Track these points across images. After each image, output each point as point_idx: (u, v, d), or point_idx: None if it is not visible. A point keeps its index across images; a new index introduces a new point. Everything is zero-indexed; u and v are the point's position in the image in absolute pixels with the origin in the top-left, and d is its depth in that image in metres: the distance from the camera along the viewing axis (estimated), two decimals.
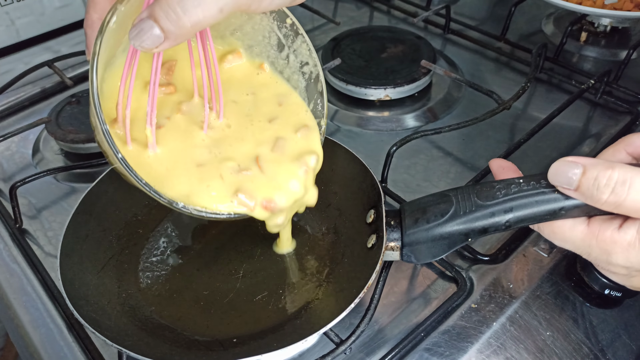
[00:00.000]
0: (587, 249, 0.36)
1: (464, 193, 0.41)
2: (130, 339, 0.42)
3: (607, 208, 0.34)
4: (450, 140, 0.68)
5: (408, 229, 0.42)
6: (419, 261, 0.43)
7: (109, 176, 0.53)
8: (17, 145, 0.71)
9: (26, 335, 0.50)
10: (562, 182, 0.35)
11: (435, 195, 0.43)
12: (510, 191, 0.38)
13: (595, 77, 0.70)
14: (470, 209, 0.39)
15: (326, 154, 0.54)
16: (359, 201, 0.51)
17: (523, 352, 0.46)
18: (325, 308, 0.45)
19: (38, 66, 0.75)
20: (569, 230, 0.37)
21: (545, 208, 0.37)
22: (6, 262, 0.56)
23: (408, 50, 0.78)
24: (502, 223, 0.39)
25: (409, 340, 0.46)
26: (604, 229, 0.35)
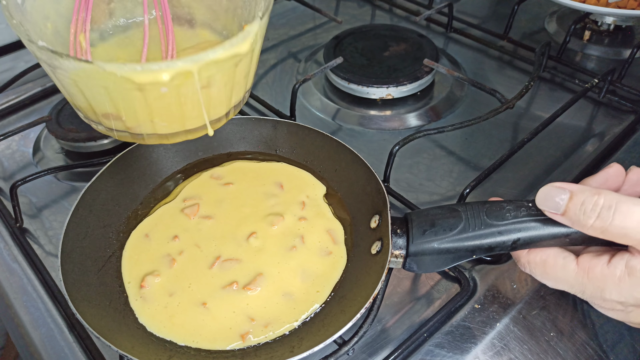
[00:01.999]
0: (581, 286, 0.37)
1: (473, 210, 0.41)
2: (131, 343, 0.42)
3: (592, 233, 0.35)
4: (453, 140, 0.68)
5: (415, 239, 0.42)
6: (420, 271, 0.44)
7: (108, 171, 0.53)
8: (18, 144, 0.71)
9: (26, 334, 0.49)
10: (549, 207, 0.37)
11: (444, 208, 0.43)
12: (519, 214, 0.39)
13: (599, 76, 0.69)
14: (479, 227, 0.40)
15: (330, 154, 0.54)
16: (363, 205, 0.51)
17: (527, 353, 0.45)
18: (331, 315, 0.44)
19: (39, 64, 0.75)
20: (560, 270, 0.38)
21: (551, 233, 0.38)
22: (6, 261, 0.55)
23: (410, 49, 0.78)
24: (509, 244, 0.40)
25: (412, 341, 0.46)
26: (593, 266, 0.36)
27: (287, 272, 0.47)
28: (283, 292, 0.46)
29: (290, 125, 0.58)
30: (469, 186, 0.54)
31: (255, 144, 0.59)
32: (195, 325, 0.44)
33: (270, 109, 0.72)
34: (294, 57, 0.86)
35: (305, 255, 0.49)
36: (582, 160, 0.63)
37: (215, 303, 0.45)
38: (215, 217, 0.52)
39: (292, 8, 0.97)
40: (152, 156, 0.56)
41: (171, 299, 0.46)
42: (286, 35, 0.91)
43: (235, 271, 0.47)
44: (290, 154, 0.58)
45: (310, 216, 0.52)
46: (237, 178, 0.56)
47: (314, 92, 0.77)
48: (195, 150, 0.59)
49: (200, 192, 0.55)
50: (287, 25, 0.94)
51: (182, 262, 0.49)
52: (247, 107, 0.75)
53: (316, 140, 0.56)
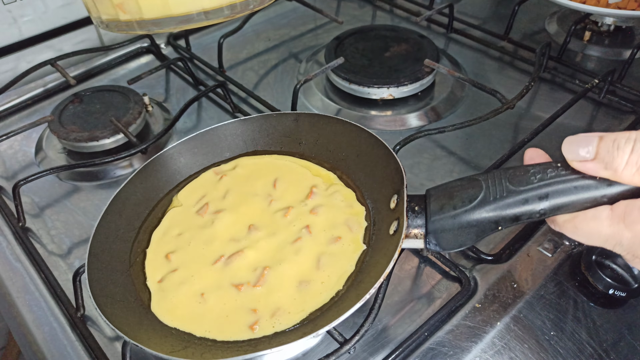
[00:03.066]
0: (618, 236, 0.33)
1: (494, 177, 0.37)
2: (148, 335, 0.42)
3: (629, 173, 0.32)
4: (454, 140, 0.68)
5: (433, 215, 0.39)
6: (444, 249, 0.40)
7: (137, 176, 0.54)
8: (20, 143, 0.71)
9: (29, 333, 0.50)
10: (577, 154, 0.34)
11: (463, 179, 0.39)
12: (546, 176, 0.35)
13: (599, 76, 0.69)
14: (501, 195, 0.36)
15: (351, 139, 0.55)
16: (383, 186, 0.50)
17: (527, 352, 0.46)
18: (347, 300, 0.44)
19: (41, 65, 0.75)
20: (592, 220, 0.34)
21: (585, 195, 0.34)
22: (9, 260, 0.56)
23: (411, 49, 0.78)
24: (537, 211, 0.35)
25: (412, 340, 0.46)
26: (629, 210, 0.32)
27: (305, 261, 0.47)
28: (299, 280, 0.46)
29: (312, 117, 0.58)
30: None
31: (278, 138, 0.59)
32: (210, 317, 0.44)
33: (271, 109, 0.72)
34: (295, 57, 0.86)
35: (320, 243, 0.48)
36: None
37: (231, 295, 0.45)
38: (226, 211, 0.52)
39: (293, 9, 0.97)
40: (181, 160, 0.57)
41: (187, 292, 0.46)
42: (287, 36, 0.92)
43: (251, 264, 0.47)
44: (314, 144, 0.58)
45: (324, 204, 0.52)
46: (239, 174, 0.57)
47: (315, 93, 0.77)
48: (221, 151, 0.59)
49: (205, 189, 0.55)
50: (288, 26, 0.94)
51: (196, 258, 0.49)
52: (249, 108, 0.75)
53: (336, 128, 0.56)
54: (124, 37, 0.89)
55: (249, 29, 0.92)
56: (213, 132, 0.58)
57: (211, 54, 0.84)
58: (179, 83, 0.82)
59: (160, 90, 0.80)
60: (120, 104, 0.71)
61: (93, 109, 0.70)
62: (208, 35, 0.92)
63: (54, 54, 0.83)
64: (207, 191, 0.55)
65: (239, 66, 0.85)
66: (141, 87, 0.77)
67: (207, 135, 0.58)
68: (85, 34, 0.88)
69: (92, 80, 0.83)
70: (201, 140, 0.58)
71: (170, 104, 0.77)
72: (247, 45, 0.89)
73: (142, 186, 0.54)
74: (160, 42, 0.89)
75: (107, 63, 0.86)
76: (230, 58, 0.86)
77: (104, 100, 0.72)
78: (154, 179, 0.55)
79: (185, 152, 0.57)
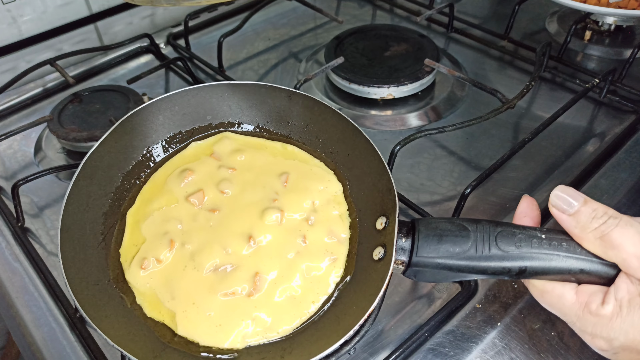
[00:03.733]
0: (573, 317, 0.38)
1: (484, 232, 0.40)
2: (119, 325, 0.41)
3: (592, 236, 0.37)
4: (454, 139, 0.68)
5: (420, 252, 0.40)
6: (418, 280, 0.42)
7: (112, 135, 0.50)
8: (19, 143, 0.71)
9: (28, 334, 0.49)
10: (562, 204, 0.39)
11: (453, 223, 0.41)
12: (530, 245, 0.38)
13: (600, 76, 0.69)
14: (486, 252, 0.39)
15: (345, 137, 0.51)
16: (371, 200, 0.47)
17: (528, 353, 0.45)
18: (327, 320, 0.43)
19: (40, 64, 0.75)
20: (557, 297, 0.38)
21: (558, 267, 0.38)
22: (8, 260, 0.56)
23: (411, 49, 0.78)
24: (514, 273, 0.39)
25: (413, 341, 0.46)
26: (590, 303, 0.37)
27: (286, 274, 0.46)
28: (281, 294, 0.45)
29: (307, 99, 0.53)
30: (470, 186, 0.55)
31: (266, 113, 0.55)
32: (191, 319, 0.43)
33: None
34: (295, 57, 0.86)
35: (307, 256, 0.47)
36: (583, 160, 0.63)
37: (211, 299, 0.45)
38: (221, 209, 0.50)
39: (293, 8, 0.97)
40: (159, 119, 0.53)
41: (169, 287, 0.45)
42: (287, 35, 0.91)
43: (234, 273, 0.46)
44: (303, 129, 0.54)
45: (317, 214, 0.50)
46: (242, 164, 0.53)
47: (315, 92, 0.77)
48: (204, 114, 0.55)
49: (202, 176, 0.52)
50: (288, 25, 0.94)
51: (183, 252, 0.47)
52: None
53: (332, 120, 0.52)
54: (123, 37, 0.88)
55: (249, 29, 0.92)
56: (196, 92, 0.54)
57: (211, 54, 0.84)
58: (178, 83, 0.81)
59: (160, 90, 0.80)
60: (119, 103, 0.70)
61: (92, 108, 0.70)
62: (208, 34, 0.92)
63: (54, 53, 0.83)
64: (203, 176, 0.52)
65: (238, 66, 0.84)
66: (141, 86, 0.76)
67: (190, 94, 0.54)
68: (85, 34, 0.88)
69: (91, 79, 0.83)
70: (184, 98, 0.53)
71: None
72: (247, 45, 0.89)
73: (117, 145, 0.50)
74: (160, 41, 0.89)
75: (107, 63, 0.86)
76: (230, 58, 0.86)
77: (103, 100, 0.71)
78: (129, 138, 0.51)
79: (165, 110, 0.53)
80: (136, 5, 0.89)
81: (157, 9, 0.93)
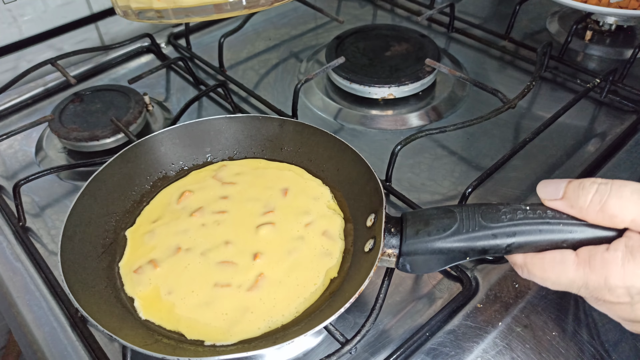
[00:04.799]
0: (583, 279, 0.36)
1: (468, 212, 0.40)
2: (120, 325, 0.42)
3: (592, 211, 0.36)
4: (455, 139, 0.68)
5: (408, 239, 0.41)
6: (412, 272, 0.43)
7: (117, 160, 0.54)
8: (20, 143, 0.71)
9: (29, 333, 0.49)
10: (549, 193, 0.38)
11: (439, 209, 0.42)
12: (515, 216, 0.39)
13: (601, 76, 0.69)
14: (473, 228, 0.39)
15: (333, 153, 0.55)
16: (362, 204, 0.51)
17: (529, 352, 0.45)
18: (320, 311, 0.45)
19: (41, 64, 0.75)
20: (559, 265, 0.37)
21: (547, 238, 0.38)
22: (9, 260, 0.56)
23: (412, 49, 0.78)
24: (503, 247, 0.39)
25: (414, 340, 0.46)
26: (593, 254, 0.36)
27: (282, 269, 0.48)
28: (277, 286, 0.47)
29: (296, 125, 0.59)
30: (471, 186, 0.55)
31: (261, 142, 0.60)
32: (188, 317, 0.45)
33: (272, 108, 0.72)
34: (295, 57, 0.86)
35: (304, 254, 0.49)
36: (584, 160, 0.63)
37: (209, 297, 0.46)
38: (219, 219, 0.53)
39: (294, 8, 0.97)
40: (161, 150, 0.58)
41: (164, 289, 0.47)
42: (288, 35, 0.91)
43: (232, 271, 0.48)
44: (295, 152, 0.59)
45: (314, 219, 0.53)
46: (241, 179, 0.57)
47: (316, 92, 0.77)
48: (203, 146, 0.59)
49: (202, 192, 0.56)
50: (289, 25, 0.94)
51: (178, 257, 0.49)
52: (249, 107, 0.75)
53: (320, 140, 0.57)
54: (124, 37, 0.88)
55: (250, 29, 0.92)
56: (197, 126, 0.59)
57: (212, 54, 0.84)
58: (179, 82, 0.81)
59: (161, 89, 0.80)
60: (120, 103, 0.71)
61: (93, 108, 0.70)
62: (208, 34, 0.92)
63: (54, 53, 0.83)
64: (202, 192, 0.56)
65: (239, 66, 0.84)
66: (142, 86, 0.77)
67: (190, 128, 0.59)
68: (86, 33, 0.88)
69: (92, 79, 0.83)
70: (184, 132, 0.58)
71: (171, 103, 0.77)
72: (247, 45, 0.89)
73: (121, 171, 0.55)
74: (161, 41, 0.89)
75: (108, 62, 0.86)
76: (231, 57, 0.86)
77: (104, 99, 0.71)
78: (132, 165, 0.56)
79: (166, 142, 0.58)
80: None
81: None
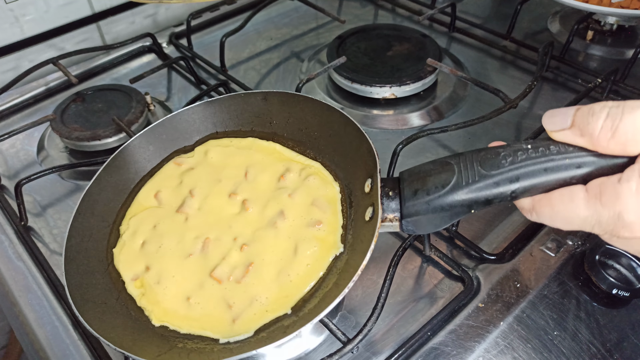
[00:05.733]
0: (596, 215, 0.33)
1: (466, 161, 0.38)
2: (134, 340, 0.42)
3: (603, 138, 0.33)
4: (457, 139, 0.68)
5: (407, 201, 0.39)
6: (419, 232, 0.41)
7: (105, 172, 0.52)
8: (22, 142, 0.71)
9: (31, 332, 0.50)
10: (555, 124, 0.35)
11: (436, 162, 0.40)
12: (517, 159, 0.35)
13: (602, 75, 0.69)
14: (473, 179, 0.36)
15: (323, 119, 0.53)
16: (357, 168, 0.49)
17: (530, 352, 0.45)
18: (327, 288, 0.43)
19: (43, 64, 0.75)
20: (569, 203, 0.34)
21: (554, 177, 0.34)
22: (11, 259, 0.56)
23: (413, 49, 0.78)
24: (508, 194, 0.36)
25: (415, 340, 0.46)
26: (604, 187, 0.33)
27: (280, 250, 0.46)
28: (277, 270, 0.45)
29: (281, 95, 0.56)
30: None
31: (248, 118, 0.58)
32: (195, 314, 0.44)
33: None
34: (297, 56, 0.86)
35: (298, 230, 0.47)
36: None
37: (210, 292, 0.45)
38: (198, 203, 0.51)
39: (295, 8, 0.97)
40: (149, 149, 0.56)
41: (165, 289, 0.46)
42: (289, 35, 0.91)
43: (227, 259, 0.47)
44: (285, 124, 0.56)
45: (295, 190, 0.51)
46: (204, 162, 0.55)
47: (318, 92, 0.77)
48: (190, 136, 0.58)
49: (166, 182, 0.54)
50: (290, 25, 0.94)
51: (171, 253, 0.48)
52: None
53: (307, 107, 0.55)
54: (126, 36, 0.89)
55: (251, 28, 0.92)
56: (179, 117, 0.56)
57: (213, 53, 0.84)
58: (181, 82, 0.81)
59: (162, 89, 0.80)
60: (122, 103, 0.71)
61: (95, 107, 0.70)
62: (210, 34, 0.92)
63: (56, 52, 0.83)
64: (167, 185, 0.54)
65: (240, 65, 0.84)
66: (143, 86, 0.77)
67: (174, 121, 0.56)
68: (87, 33, 0.88)
69: (94, 79, 0.83)
70: (168, 126, 0.56)
71: (172, 103, 0.77)
72: (249, 45, 0.89)
73: (112, 180, 0.53)
74: (162, 41, 0.89)
75: (109, 62, 0.86)
76: (232, 57, 0.86)
77: (106, 99, 0.72)
78: (123, 171, 0.54)
79: (153, 140, 0.56)
80: (139, 4, 0.89)
81: (159, 7, 0.93)
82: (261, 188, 0.52)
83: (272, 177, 0.52)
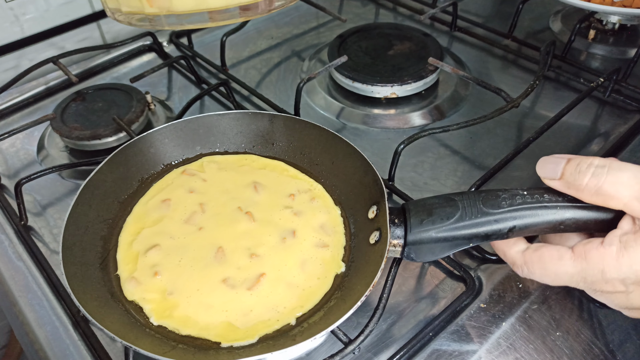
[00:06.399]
0: (581, 273, 0.38)
1: (469, 199, 0.42)
2: (135, 334, 0.42)
3: (587, 194, 0.37)
4: (458, 139, 0.67)
5: (413, 228, 0.42)
6: (418, 260, 0.44)
7: (107, 165, 0.53)
8: (22, 142, 0.71)
9: (31, 332, 0.49)
10: (548, 173, 0.40)
11: (440, 198, 0.44)
12: (514, 202, 0.40)
13: (604, 75, 0.69)
14: (475, 215, 0.41)
15: (327, 146, 0.55)
16: (360, 196, 0.51)
17: (533, 353, 0.45)
18: (333, 305, 0.45)
19: (43, 62, 0.75)
20: (557, 261, 0.39)
21: (545, 220, 0.40)
22: (11, 259, 0.55)
23: (415, 48, 0.77)
24: (505, 231, 0.40)
25: (417, 340, 0.46)
26: (588, 249, 0.37)
27: (286, 267, 0.48)
28: (285, 284, 0.46)
29: (287, 119, 0.58)
30: (474, 185, 0.54)
31: (252, 138, 0.59)
32: (197, 318, 0.45)
33: (274, 107, 0.72)
34: (298, 55, 0.86)
35: (303, 249, 0.49)
36: None
37: (213, 297, 0.46)
38: (205, 211, 0.53)
39: (296, 7, 0.97)
40: (150, 151, 0.57)
41: (165, 291, 0.47)
42: (290, 34, 0.91)
43: (234, 269, 0.48)
44: (287, 147, 0.58)
45: (302, 210, 0.52)
46: (214, 175, 0.56)
47: (318, 91, 0.76)
48: (193, 145, 0.59)
49: (175, 192, 0.55)
50: (291, 24, 0.94)
51: (172, 257, 0.49)
52: (251, 105, 0.75)
53: (312, 133, 0.56)
54: (126, 35, 0.88)
55: (252, 27, 0.92)
56: (185, 124, 0.58)
57: (214, 52, 0.84)
58: (181, 81, 0.81)
59: (163, 88, 0.80)
60: (122, 102, 0.70)
61: (95, 107, 0.70)
62: (210, 33, 0.92)
63: (56, 51, 0.83)
64: (175, 194, 0.55)
65: (241, 64, 0.84)
66: (144, 85, 0.76)
67: (180, 127, 0.58)
68: (88, 32, 0.88)
69: (94, 78, 0.83)
70: (172, 131, 0.58)
71: (173, 102, 0.77)
72: (249, 44, 0.89)
73: (112, 176, 0.54)
74: (163, 40, 0.89)
75: (110, 61, 0.85)
76: (233, 56, 0.85)
77: (106, 98, 0.71)
78: (123, 169, 0.55)
79: (155, 143, 0.57)
80: None
81: None
82: (269, 204, 0.53)
83: (281, 195, 0.54)
